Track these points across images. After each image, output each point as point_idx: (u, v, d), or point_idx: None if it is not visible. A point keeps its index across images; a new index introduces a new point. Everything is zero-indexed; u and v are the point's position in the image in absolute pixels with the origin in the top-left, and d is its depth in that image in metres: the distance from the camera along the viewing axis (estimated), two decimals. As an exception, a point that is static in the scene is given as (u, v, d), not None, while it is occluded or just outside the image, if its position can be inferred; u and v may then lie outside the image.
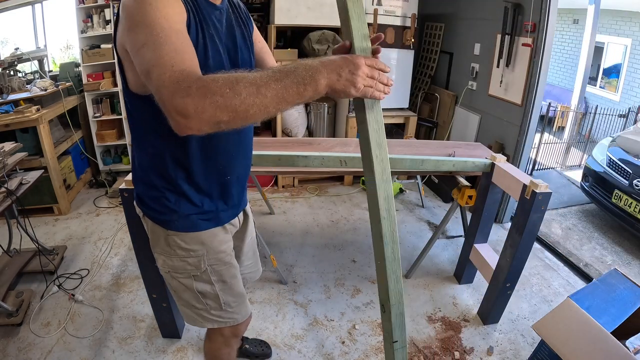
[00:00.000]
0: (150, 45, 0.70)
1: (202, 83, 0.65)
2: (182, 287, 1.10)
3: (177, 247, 1.04)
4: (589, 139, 5.04)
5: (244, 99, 0.66)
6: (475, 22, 3.17)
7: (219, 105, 0.65)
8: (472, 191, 2.12)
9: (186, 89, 0.65)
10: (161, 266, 1.10)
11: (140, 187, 1.05)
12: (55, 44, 4.18)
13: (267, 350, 1.75)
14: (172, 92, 0.65)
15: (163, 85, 0.66)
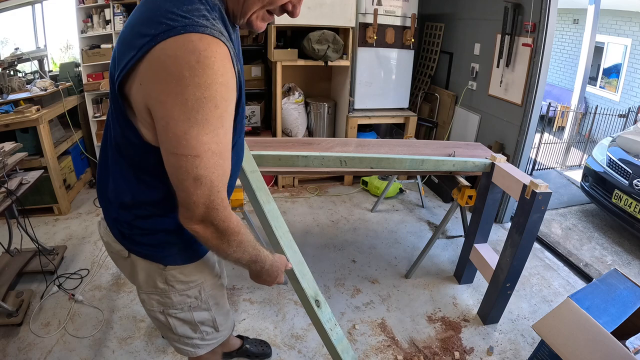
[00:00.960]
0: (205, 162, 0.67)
1: (229, 227, 0.77)
2: (178, 323, 1.01)
3: (176, 282, 0.94)
4: (589, 139, 5.04)
5: (233, 252, 0.82)
6: (475, 22, 3.17)
7: (220, 244, 0.79)
8: (472, 191, 2.12)
9: (223, 218, 0.75)
10: (154, 307, 0.98)
11: (126, 223, 0.88)
12: (55, 44, 4.18)
13: (267, 350, 1.75)
14: (207, 214, 0.72)
15: (209, 203, 0.71)
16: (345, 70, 3.30)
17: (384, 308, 2.07)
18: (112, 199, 0.88)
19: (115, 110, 0.74)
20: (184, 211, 0.73)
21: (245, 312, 1.99)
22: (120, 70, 0.67)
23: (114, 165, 0.84)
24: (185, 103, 0.62)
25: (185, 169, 0.66)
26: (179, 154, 0.65)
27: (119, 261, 0.99)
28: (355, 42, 3.21)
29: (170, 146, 0.66)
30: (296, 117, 3.36)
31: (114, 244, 0.94)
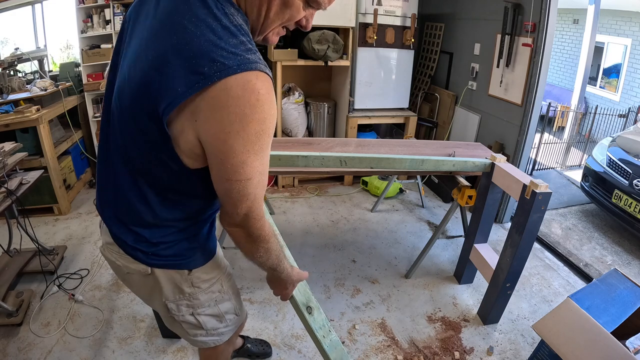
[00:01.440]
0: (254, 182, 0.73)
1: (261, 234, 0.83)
2: (207, 319, 1.06)
3: (201, 282, 0.99)
4: (589, 139, 5.04)
5: (259, 256, 0.88)
6: (475, 22, 3.17)
7: (250, 247, 0.85)
8: (472, 191, 2.12)
9: (259, 227, 0.81)
10: (183, 312, 1.01)
11: (148, 242, 0.89)
12: (55, 44, 4.18)
13: (267, 349, 1.75)
14: (246, 222, 0.79)
15: (249, 212, 0.77)
16: (345, 70, 3.30)
17: (384, 308, 2.07)
18: (127, 221, 0.87)
19: (148, 136, 0.72)
20: (226, 217, 0.80)
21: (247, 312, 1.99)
22: (168, 105, 0.66)
23: (131, 187, 0.82)
24: (247, 138, 0.66)
25: (237, 191, 0.72)
26: (233, 180, 0.71)
27: (136, 280, 0.97)
28: (355, 42, 3.21)
29: (226, 174, 0.70)
30: (296, 117, 3.36)
31: (132, 265, 0.92)
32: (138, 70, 0.70)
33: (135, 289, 1.04)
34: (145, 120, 0.70)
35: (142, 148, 0.76)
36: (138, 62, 0.71)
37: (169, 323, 1.09)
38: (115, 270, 1.02)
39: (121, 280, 1.05)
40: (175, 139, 0.70)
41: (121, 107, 0.76)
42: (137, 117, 0.72)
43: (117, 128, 0.80)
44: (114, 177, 0.85)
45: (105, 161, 0.87)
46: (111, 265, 1.00)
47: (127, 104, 0.73)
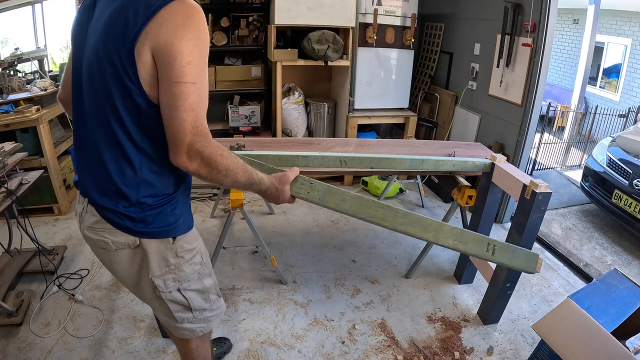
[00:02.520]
0: (198, 89, 0.84)
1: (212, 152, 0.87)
2: (193, 295, 1.09)
3: (184, 251, 1.04)
4: (589, 139, 5.04)
5: (224, 178, 0.92)
6: (475, 22, 3.17)
7: (210, 172, 0.89)
8: (472, 191, 2.12)
9: (206, 144, 0.85)
10: (170, 287, 1.04)
11: (139, 212, 0.95)
12: (55, 44, 4.18)
13: (227, 343, 1.77)
14: (193, 141, 0.84)
15: (195, 129, 0.83)
16: (345, 70, 3.30)
17: (384, 308, 2.07)
18: (113, 189, 0.93)
19: (120, 79, 0.83)
20: (174, 148, 0.85)
21: (245, 312, 1.99)
22: (136, 32, 0.79)
23: (112, 148, 0.90)
24: (189, 41, 0.81)
25: (184, 95, 0.81)
26: (181, 82, 0.81)
27: (123, 258, 1.00)
28: (355, 42, 3.21)
29: (174, 76, 0.81)
30: (296, 117, 3.36)
31: (120, 238, 0.97)
32: (107, 25, 0.84)
33: (122, 271, 1.04)
34: (117, 62, 0.82)
35: (116, 96, 0.85)
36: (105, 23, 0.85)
37: (157, 309, 1.11)
38: (100, 254, 1.03)
39: (107, 266, 1.06)
40: (138, 68, 0.82)
41: (97, 67, 0.86)
42: (110, 65, 0.83)
43: (91, 92, 0.90)
44: (95, 148, 0.93)
45: (84, 138, 0.96)
46: (97, 248, 1.01)
47: (101, 57, 0.84)
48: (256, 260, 2.43)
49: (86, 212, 0.99)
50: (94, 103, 0.90)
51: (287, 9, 2.93)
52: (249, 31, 3.41)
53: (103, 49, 0.84)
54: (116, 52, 0.82)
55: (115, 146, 0.90)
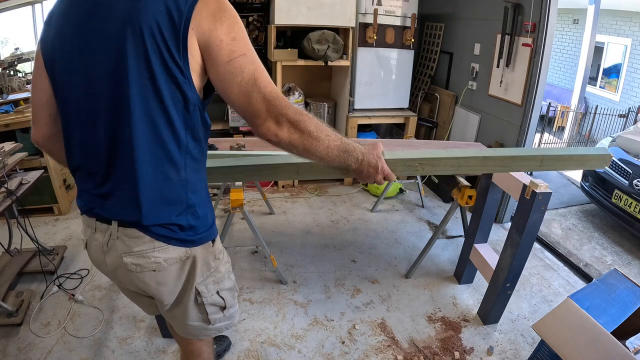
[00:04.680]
0: (249, 58, 0.84)
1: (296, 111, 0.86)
2: (229, 295, 1.09)
3: (219, 252, 1.05)
4: (589, 139, 5.05)
5: (321, 144, 0.90)
6: (475, 22, 3.17)
7: (306, 139, 0.88)
8: (472, 191, 2.12)
9: (285, 105, 0.85)
10: (212, 291, 1.03)
11: (189, 217, 0.92)
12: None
13: (226, 341, 1.78)
14: (271, 107, 0.83)
15: (273, 94, 0.84)
16: (345, 70, 3.30)
17: (384, 308, 2.07)
18: (159, 198, 0.87)
19: (172, 73, 0.80)
20: (256, 121, 0.85)
21: (246, 312, 1.99)
22: (184, 26, 0.78)
23: (153, 153, 0.84)
24: (227, 20, 0.82)
25: (240, 68, 0.82)
26: (232, 59, 0.82)
27: (168, 275, 0.95)
28: (355, 42, 3.21)
29: (225, 57, 0.81)
30: (296, 117, 3.35)
31: (172, 253, 0.92)
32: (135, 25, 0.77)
33: (166, 290, 0.98)
34: (167, 59, 0.79)
35: (165, 94, 0.81)
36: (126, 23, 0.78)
37: (191, 317, 1.05)
38: (145, 279, 0.94)
39: (149, 289, 0.96)
40: (189, 60, 0.81)
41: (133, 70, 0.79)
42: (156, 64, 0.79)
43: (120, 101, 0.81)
44: (125, 161, 0.84)
45: (95, 158, 0.87)
46: (141, 273, 0.92)
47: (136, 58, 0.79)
48: (256, 260, 2.43)
49: (116, 238, 0.90)
50: (124, 110, 0.81)
51: (287, 9, 2.93)
52: (249, 31, 3.41)
53: (138, 49, 0.78)
54: (165, 48, 0.78)
55: (159, 150, 0.84)
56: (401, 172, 1.27)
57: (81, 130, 0.88)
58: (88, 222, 0.96)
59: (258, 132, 0.87)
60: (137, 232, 0.88)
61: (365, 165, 0.99)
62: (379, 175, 1.03)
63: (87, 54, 0.81)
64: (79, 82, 0.84)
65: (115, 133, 0.83)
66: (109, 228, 0.90)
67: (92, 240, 0.95)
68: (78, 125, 0.88)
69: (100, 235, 0.93)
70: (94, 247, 0.96)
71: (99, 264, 0.99)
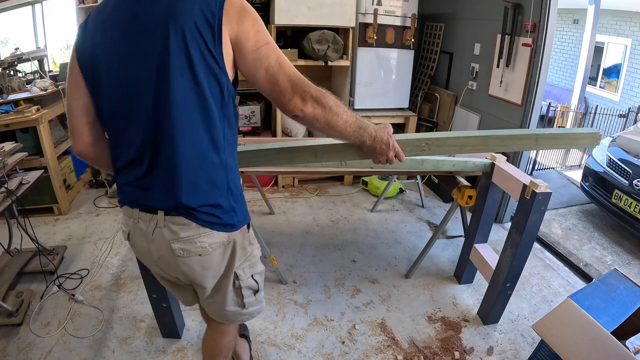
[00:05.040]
0: (273, 46, 0.94)
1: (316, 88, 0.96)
2: (260, 278, 1.18)
3: (251, 237, 1.13)
4: (589, 139, 5.03)
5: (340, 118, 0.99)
6: (475, 22, 3.17)
7: (327, 114, 0.97)
8: (472, 191, 2.12)
9: (308, 84, 0.94)
10: (248, 275, 1.12)
11: (230, 198, 1.01)
12: (55, 44, 4.18)
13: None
14: (296, 85, 0.93)
15: (296, 75, 0.93)
16: (345, 70, 3.30)
17: (384, 308, 2.07)
18: (204, 183, 0.95)
19: (211, 68, 0.89)
20: (283, 98, 0.93)
21: (245, 312, 1.99)
22: (218, 25, 0.88)
23: (196, 140, 0.92)
24: (250, 16, 0.93)
25: (266, 54, 0.92)
26: (259, 47, 0.92)
27: (212, 260, 1.03)
28: (355, 42, 3.21)
29: (253, 46, 0.91)
30: (296, 117, 3.35)
31: (216, 238, 1.00)
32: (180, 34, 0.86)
33: (209, 275, 1.06)
34: (206, 55, 0.88)
35: (205, 86, 0.90)
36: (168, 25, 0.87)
37: (227, 301, 1.13)
38: (191, 264, 1.01)
39: (193, 276, 1.04)
40: (224, 55, 0.90)
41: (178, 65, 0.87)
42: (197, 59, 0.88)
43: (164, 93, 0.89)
44: (169, 150, 0.92)
45: (138, 151, 0.94)
46: (188, 258, 1.00)
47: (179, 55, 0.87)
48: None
49: (162, 227, 0.97)
50: (167, 102, 0.90)
51: (287, 9, 2.93)
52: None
53: (180, 46, 0.87)
54: (204, 44, 0.87)
55: (201, 136, 0.93)
56: (410, 152, 1.32)
57: (126, 128, 0.95)
58: (130, 214, 1.02)
59: (286, 109, 0.95)
60: (184, 220, 0.96)
61: (378, 141, 1.08)
62: (391, 152, 1.11)
63: (133, 54, 0.89)
64: (125, 82, 0.91)
65: (159, 125, 0.91)
66: (154, 217, 0.98)
67: (136, 230, 1.02)
68: (122, 124, 0.95)
69: (144, 224, 0.99)
70: (138, 236, 1.03)
71: (143, 254, 1.08)
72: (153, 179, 0.95)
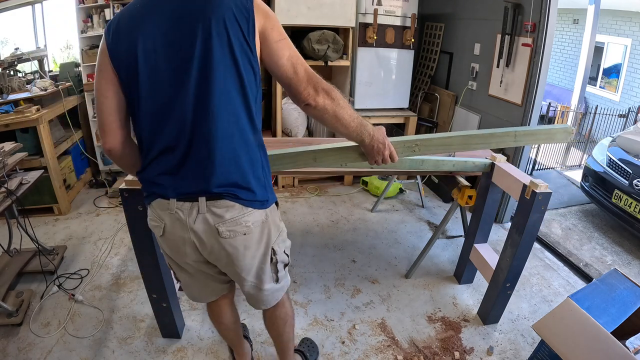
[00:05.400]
0: (289, 41, 1.05)
1: (326, 83, 1.07)
2: (288, 251, 1.24)
3: (279, 212, 1.19)
4: (589, 139, 5.04)
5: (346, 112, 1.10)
6: (475, 22, 3.17)
7: (336, 107, 1.07)
8: (472, 191, 2.12)
9: (320, 79, 1.06)
10: (282, 250, 1.19)
11: (265, 172, 1.10)
12: (55, 44, 4.18)
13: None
14: (311, 78, 1.04)
15: (305, 69, 1.04)
16: (345, 70, 3.30)
17: (384, 308, 2.07)
18: (242, 163, 1.02)
19: (249, 59, 0.99)
20: (298, 87, 1.03)
21: (246, 312, 1.99)
22: (252, 22, 0.97)
23: (234, 123, 0.99)
24: (270, 14, 1.02)
25: (285, 46, 1.02)
26: (280, 40, 1.02)
27: (253, 238, 1.09)
28: (355, 42, 3.21)
29: (276, 37, 1.02)
30: (296, 117, 3.36)
31: (256, 216, 1.07)
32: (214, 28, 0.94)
33: (250, 254, 1.11)
34: (245, 48, 0.97)
35: (245, 74, 0.98)
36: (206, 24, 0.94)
37: (265, 280, 1.19)
38: (236, 244, 1.07)
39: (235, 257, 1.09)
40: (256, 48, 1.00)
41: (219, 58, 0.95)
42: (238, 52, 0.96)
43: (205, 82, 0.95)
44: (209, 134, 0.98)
45: (178, 138, 0.99)
46: (234, 239, 1.06)
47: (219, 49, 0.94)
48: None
49: (205, 212, 1.02)
50: (211, 88, 0.96)
51: (287, 9, 2.93)
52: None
53: (221, 36, 0.94)
54: (241, 33, 0.96)
55: (241, 118, 1.01)
56: (401, 153, 1.42)
57: (164, 117, 0.99)
58: (165, 206, 1.04)
59: (300, 98, 1.03)
60: (228, 202, 1.02)
61: (376, 140, 1.19)
62: (387, 151, 1.22)
63: (175, 43, 0.95)
64: (166, 71, 0.96)
65: (202, 110, 0.97)
66: (194, 205, 1.02)
67: (174, 221, 1.05)
68: (160, 114, 0.99)
69: (183, 214, 1.03)
70: (176, 228, 1.06)
71: (178, 246, 1.10)
72: (192, 166, 1.00)
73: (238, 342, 1.59)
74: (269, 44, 1.01)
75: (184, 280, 1.26)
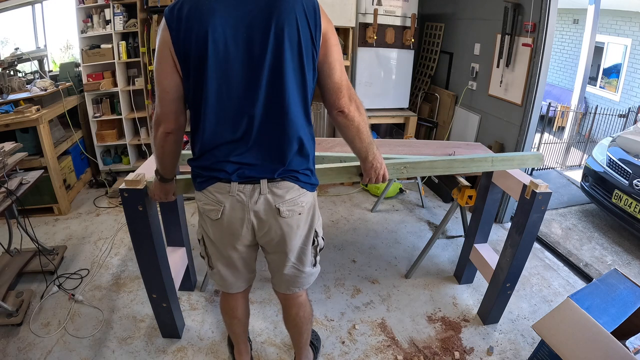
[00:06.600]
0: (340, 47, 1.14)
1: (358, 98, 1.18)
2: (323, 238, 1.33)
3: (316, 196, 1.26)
4: (589, 139, 5.04)
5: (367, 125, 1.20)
6: (475, 22, 3.17)
7: (362, 118, 1.17)
8: (472, 191, 2.12)
9: (354, 92, 1.15)
10: (320, 232, 1.28)
11: (311, 158, 1.16)
12: (55, 44, 4.18)
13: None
14: (349, 90, 1.13)
15: (347, 81, 1.13)
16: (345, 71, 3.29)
17: (384, 308, 2.07)
18: (299, 146, 1.10)
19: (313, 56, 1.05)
20: (338, 94, 1.10)
21: (245, 312, 1.99)
22: (319, 24, 1.03)
23: (295, 112, 1.06)
24: (329, 19, 1.08)
25: (338, 52, 1.10)
26: (337, 44, 1.10)
27: (302, 218, 1.18)
28: (355, 42, 3.21)
29: (334, 42, 1.09)
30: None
31: (308, 197, 1.17)
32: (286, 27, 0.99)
33: (299, 234, 1.20)
34: (311, 46, 1.04)
35: (307, 69, 1.04)
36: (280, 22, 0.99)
37: (305, 262, 1.29)
38: (291, 223, 1.16)
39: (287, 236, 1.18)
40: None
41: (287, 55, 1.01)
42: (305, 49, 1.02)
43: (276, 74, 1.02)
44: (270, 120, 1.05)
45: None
46: (290, 219, 1.15)
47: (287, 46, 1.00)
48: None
49: (266, 193, 1.10)
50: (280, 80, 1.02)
51: (287, 9, 2.93)
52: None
53: (292, 32, 0.99)
54: (309, 32, 1.02)
55: (304, 111, 1.09)
56: (391, 175, 1.51)
57: (233, 106, 1.04)
58: (226, 189, 1.10)
59: (339, 103, 1.11)
60: (289, 183, 1.11)
61: (376, 159, 1.29)
62: (382, 171, 1.32)
63: (246, 40, 0.99)
64: (236, 70, 1.01)
65: (273, 100, 1.03)
66: (256, 187, 1.09)
67: (234, 203, 1.11)
68: (229, 103, 1.04)
69: (244, 195, 1.10)
70: (235, 209, 1.12)
71: (235, 228, 1.16)
72: (260, 155, 1.08)
73: (243, 338, 1.59)
74: (329, 46, 1.07)
75: (221, 268, 1.31)
